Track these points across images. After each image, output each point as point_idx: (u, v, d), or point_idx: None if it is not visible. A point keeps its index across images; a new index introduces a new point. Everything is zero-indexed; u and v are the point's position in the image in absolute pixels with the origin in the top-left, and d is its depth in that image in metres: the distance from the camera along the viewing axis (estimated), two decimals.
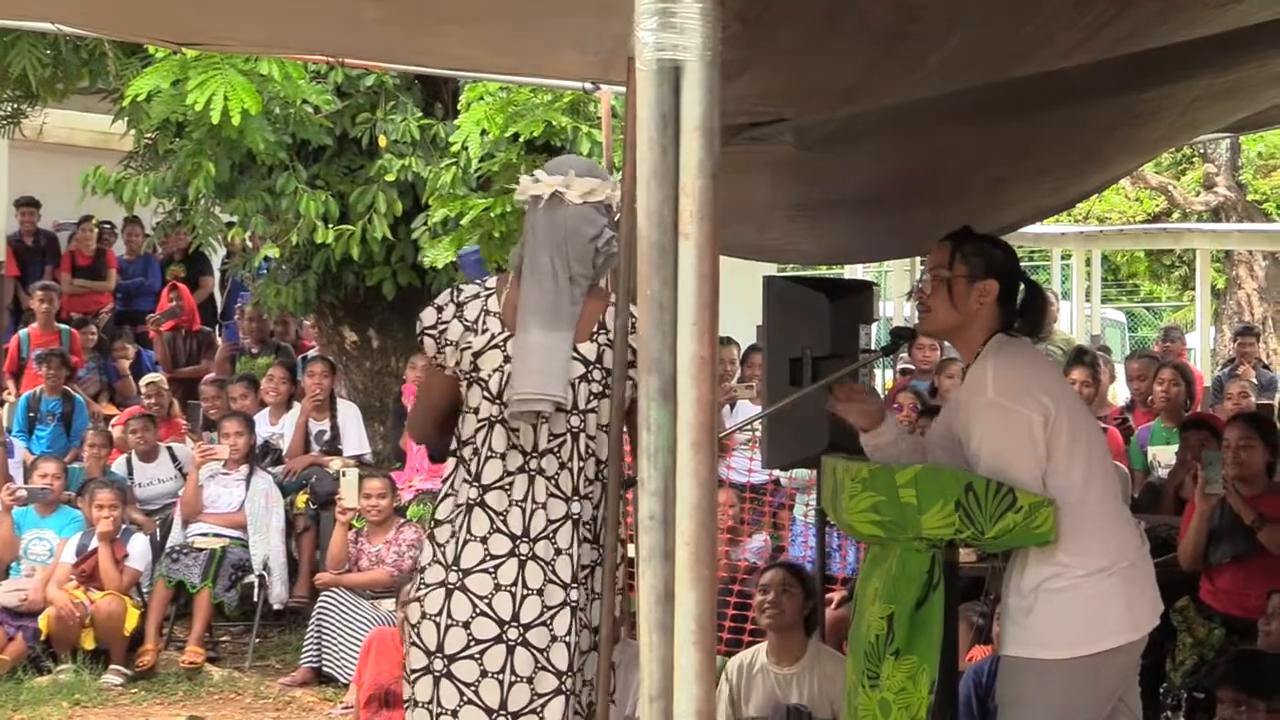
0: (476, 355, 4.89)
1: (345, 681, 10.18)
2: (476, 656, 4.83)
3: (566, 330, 4.86)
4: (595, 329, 4.98)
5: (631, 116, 4.89)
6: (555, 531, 4.89)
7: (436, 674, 4.85)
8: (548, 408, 4.82)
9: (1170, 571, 7.65)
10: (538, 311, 4.82)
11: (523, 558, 4.85)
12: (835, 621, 8.74)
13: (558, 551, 4.87)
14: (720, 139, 2.55)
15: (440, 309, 4.95)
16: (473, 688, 4.83)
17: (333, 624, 10.63)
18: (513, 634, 4.83)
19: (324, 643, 10.64)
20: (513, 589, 4.84)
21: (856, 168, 6.90)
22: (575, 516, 4.93)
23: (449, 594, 4.84)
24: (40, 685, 10.45)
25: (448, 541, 4.87)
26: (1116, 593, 4.78)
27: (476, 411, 4.92)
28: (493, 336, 4.89)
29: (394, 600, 9.99)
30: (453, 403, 5.04)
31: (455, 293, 5.00)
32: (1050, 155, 7.02)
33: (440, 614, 4.84)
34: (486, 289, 4.99)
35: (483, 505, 4.87)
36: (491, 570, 4.84)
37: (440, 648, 4.84)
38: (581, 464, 4.94)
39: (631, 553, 7.51)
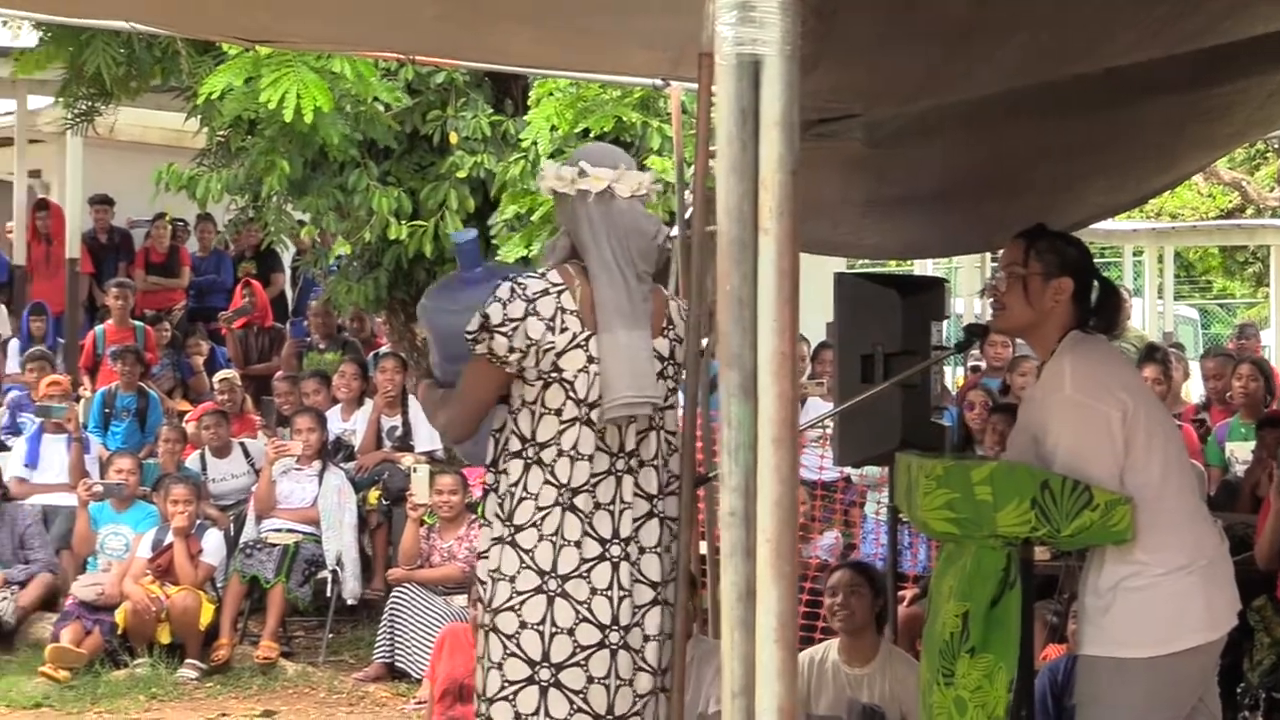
0: (559, 355, 4.74)
1: (418, 677, 10.21)
2: (583, 663, 4.73)
3: (645, 328, 4.80)
4: (665, 325, 4.94)
5: (703, 112, 4.88)
6: (639, 530, 4.83)
7: (543, 684, 4.72)
8: (647, 409, 4.77)
9: (1247, 570, 7.56)
10: (619, 311, 4.73)
11: (614, 560, 4.77)
12: (907, 619, 8.71)
13: (642, 550, 4.82)
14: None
15: (506, 304, 4.71)
16: (581, 695, 4.73)
17: (405, 619, 10.67)
18: (614, 637, 4.77)
19: (397, 638, 10.68)
20: (608, 592, 4.76)
21: (926, 163, 6.87)
22: (660, 514, 4.89)
23: (550, 601, 4.71)
24: (117, 679, 10.53)
25: (535, 546, 4.73)
26: (1196, 591, 4.73)
27: (559, 413, 4.75)
28: (574, 336, 4.74)
29: (466, 596, 10.00)
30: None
31: (519, 287, 4.75)
32: (1121, 151, 6.97)
33: (543, 622, 4.71)
34: (554, 284, 4.79)
35: (572, 509, 4.74)
36: (585, 575, 4.73)
37: (546, 656, 4.72)
38: (665, 460, 4.91)
39: (703, 549, 7.51)
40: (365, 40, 7.55)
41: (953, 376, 17.28)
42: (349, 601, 11.67)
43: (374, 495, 12.14)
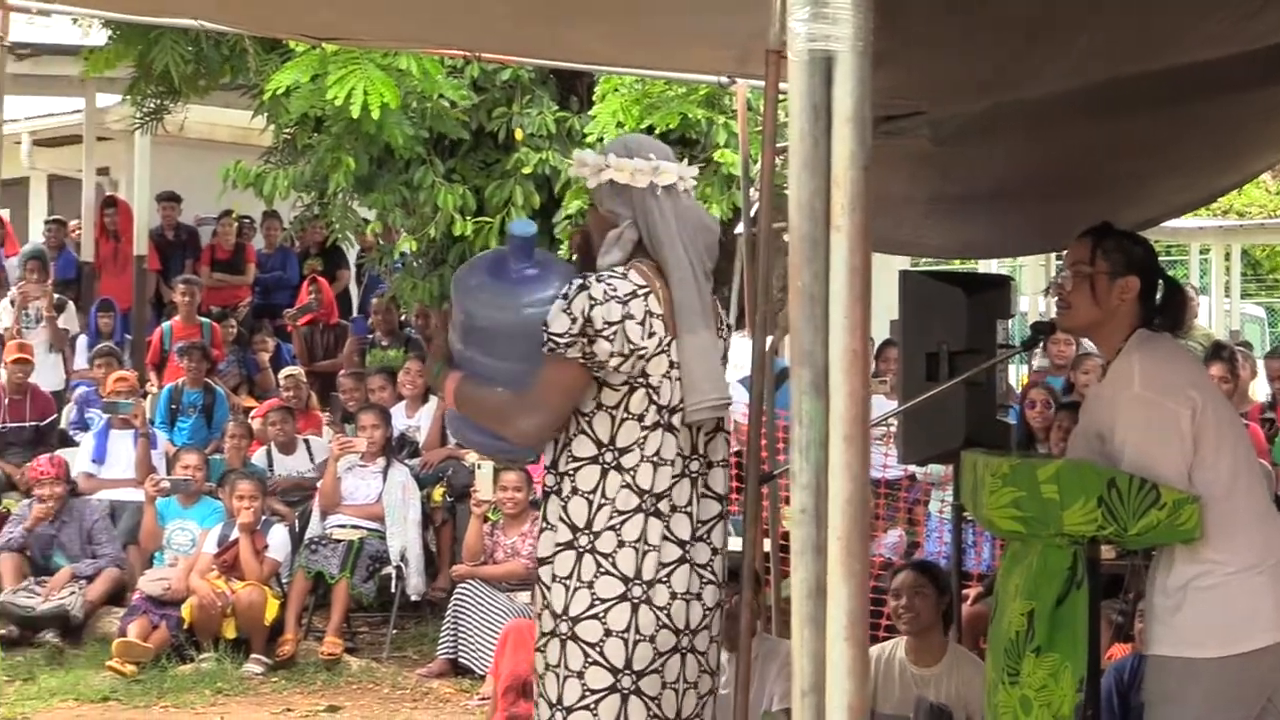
0: (647, 360, 4.64)
1: (481, 673, 10.23)
2: (660, 669, 4.68)
3: (714, 328, 4.78)
4: (719, 325, 4.91)
5: (770, 110, 4.86)
6: (710, 532, 4.80)
7: (625, 692, 4.64)
8: (724, 411, 4.74)
9: None
10: (695, 311, 4.68)
11: (692, 564, 4.72)
12: (971, 618, 8.68)
13: (714, 551, 4.80)
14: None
15: (603, 305, 4.58)
16: (656, 701, 4.68)
17: (469, 615, 10.68)
18: (685, 641, 4.74)
19: (460, 634, 10.70)
20: (686, 596, 4.71)
21: (991, 162, 6.84)
22: (726, 514, 4.87)
23: (634, 609, 4.63)
24: (183, 673, 10.59)
25: (615, 552, 4.63)
26: (1266, 590, 4.69)
27: (640, 419, 4.65)
28: (660, 341, 4.65)
29: (530, 593, 10.01)
30: None
31: (610, 289, 4.61)
32: (1188, 150, 6.92)
33: (628, 629, 4.62)
34: (639, 286, 4.66)
35: (656, 514, 4.65)
36: (666, 580, 4.66)
37: (629, 664, 4.64)
38: (727, 461, 4.89)
39: (765, 547, 7.49)
40: (432, 38, 7.56)
41: (1017, 375, 17.21)
42: (413, 598, 11.70)
43: (438, 492, 12.17)
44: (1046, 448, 9.90)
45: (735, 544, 5.46)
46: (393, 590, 11.55)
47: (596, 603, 4.61)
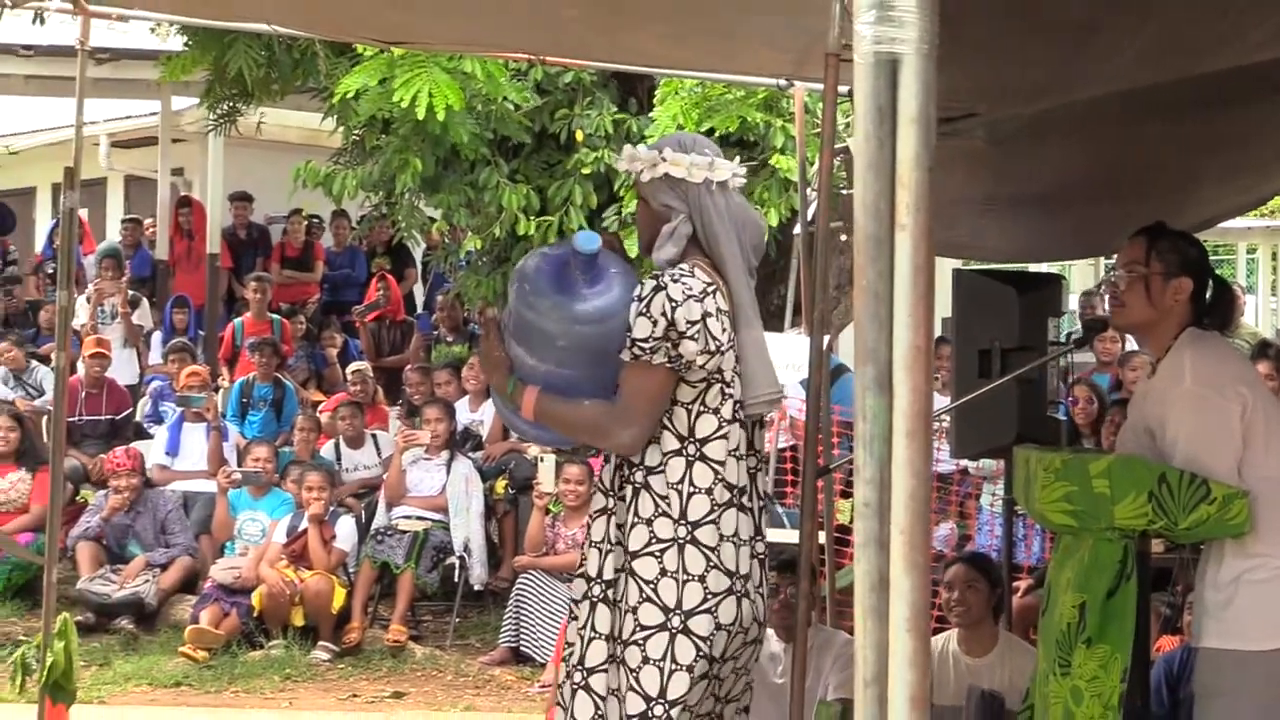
0: (722, 356, 4.60)
1: (542, 661, 10.25)
2: (736, 657, 4.68)
3: (760, 322, 4.77)
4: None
5: (829, 112, 4.85)
6: (764, 526, 4.81)
7: (711, 677, 4.63)
8: (779, 406, 4.77)
9: None
10: (748, 306, 4.67)
11: (761, 557, 4.73)
12: (1022, 610, 8.65)
13: (765, 546, 4.82)
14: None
15: (683, 305, 4.52)
16: (720, 682, 4.68)
17: (530, 605, 10.71)
18: (756, 633, 4.74)
19: (522, 623, 10.72)
20: (761, 589, 4.72)
21: (1046, 163, 6.81)
22: (766, 508, 4.90)
23: (739, 602, 4.59)
24: (253, 659, 10.64)
25: (719, 546, 4.58)
26: None
27: (717, 412, 4.61)
28: (731, 337, 4.62)
29: None
30: None
31: (687, 287, 4.55)
32: (1241, 153, 6.87)
33: (734, 623, 4.59)
34: (707, 283, 4.61)
35: (741, 508, 4.64)
36: (751, 573, 4.66)
37: (723, 654, 4.61)
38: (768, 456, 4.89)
39: (821, 539, 7.47)
40: (497, 41, 7.57)
41: (1070, 371, 17.11)
42: (475, 587, 11.73)
43: (501, 484, 12.20)
44: (1091, 442, 9.85)
45: (792, 536, 5.45)
46: (456, 580, 11.57)
47: (710, 597, 4.55)
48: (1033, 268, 17.90)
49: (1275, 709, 4.72)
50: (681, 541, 4.57)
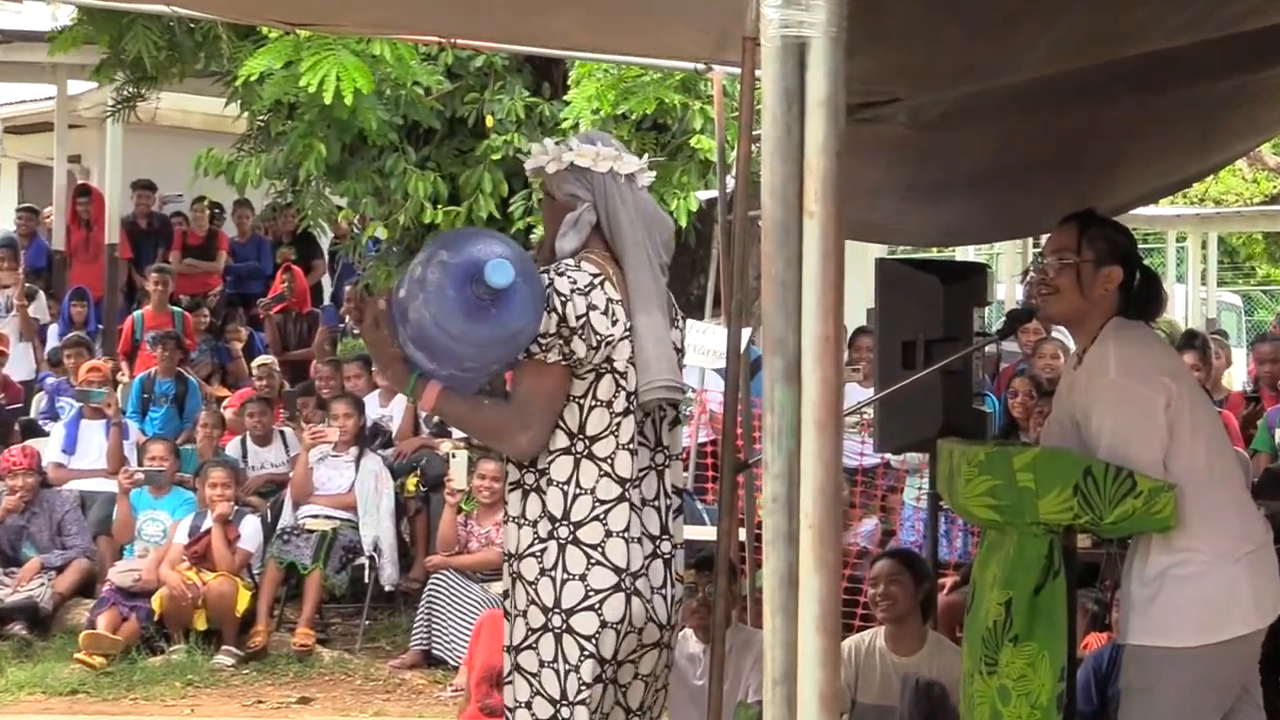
0: (613, 347, 4.63)
1: (455, 664, 10.23)
2: (636, 660, 4.69)
3: (666, 315, 4.77)
4: (674, 315, 4.90)
5: (746, 97, 4.86)
6: (675, 525, 4.81)
7: (607, 681, 4.63)
8: (678, 395, 4.73)
9: None
10: (648, 296, 4.68)
11: (665, 557, 4.73)
12: (947, 608, 8.68)
13: (675, 546, 4.80)
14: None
15: (570, 299, 4.58)
16: (624, 690, 4.70)
17: (443, 606, 10.68)
18: (666, 637, 4.76)
19: (434, 625, 10.69)
20: (663, 591, 4.71)
21: (968, 148, 6.84)
22: (683, 509, 4.90)
23: (628, 600, 4.60)
24: (153, 665, 10.56)
25: (604, 542, 4.59)
26: (1243, 579, 4.71)
27: (609, 405, 4.64)
28: (624, 327, 4.65)
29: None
30: None
31: (572, 282, 4.61)
32: (1164, 135, 6.93)
33: (622, 621, 4.59)
34: (595, 275, 4.67)
35: (632, 504, 4.63)
36: (646, 572, 4.66)
37: (615, 655, 4.61)
38: (682, 454, 4.88)
39: (741, 537, 7.49)
40: (407, 24, 7.54)
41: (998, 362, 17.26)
42: (386, 588, 11.69)
43: (412, 481, 12.15)
44: (1030, 437, 9.92)
45: (711, 533, 5.44)
46: (366, 581, 11.54)
47: (591, 593, 4.57)
48: (959, 256, 18.07)
49: (1202, 705, 4.77)
50: (562, 541, 4.60)
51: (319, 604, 11.37)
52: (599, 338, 4.59)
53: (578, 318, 4.56)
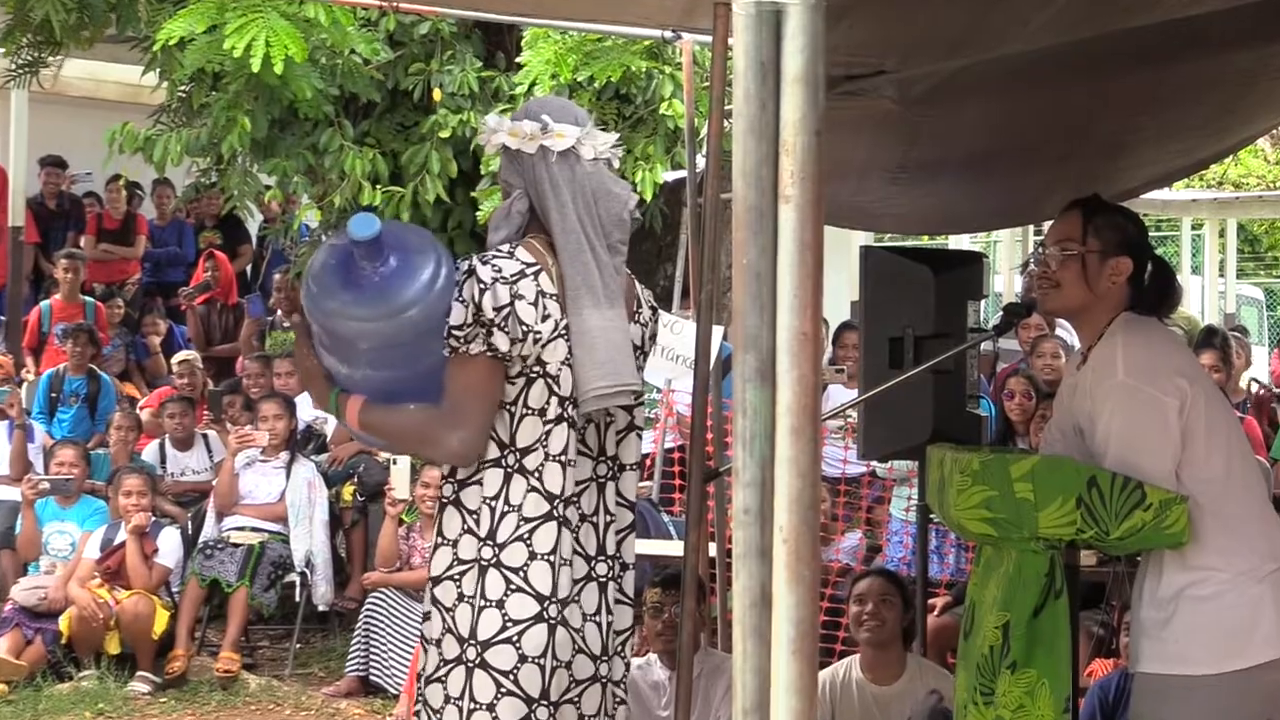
0: (543, 346, 4.55)
1: (395, 692, 10.22)
2: (576, 700, 4.63)
3: (618, 307, 4.68)
4: (635, 307, 4.85)
5: (718, 68, 4.87)
6: (622, 544, 4.76)
7: None
8: (625, 399, 4.65)
9: None
10: (587, 288, 4.58)
11: (601, 580, 4.68)
12: (939, 630, 8.72)
13: (624, 567, 4.77)
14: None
15: (492, 289, 4.49)
16: None
17: (382, 628, 10.67)
18: (603, 670, 4.69)
19: (372, 649, 10.68)
20: (597, 618, 4.66)
21: (963, 126, 6.86)
22: (634, 525, 4.85)
23: (551, 630, 4.52)
24: (61, 693, 10.53)
25: (526, 566, 4.52)
26: (1266, 600, 4.71)
27: (542, 413, 4.56)
28: (556, 324, 4.57)
29: None
30: None
31: (496, 269, 4.52)
32: (1177, 113, 6.95)
33: (544, 655, 4.50)
34: (528, 264, 4.58)
35: (564, 522, 4.56)
36: (578, 598, 4.61)
37: (545, 694, 4.52)
38: (641, 465, 4.84)
39: (711, 552, 7.50)
40: None
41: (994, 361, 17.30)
42: (319, 608, 11.69)
43: (348, 490, 12.14)
44: (1027, 443, 9.96)
45: (677, 548, 5.44)
46: (297, 600, 11.53)
47: (510, 624, 4.50)
48: (953, 244, 18.10)
49: None
50: (485, 563, 4.54)
51: (245, 625, 11.35)
52: (525, 329, 4.51)
53: (497, 308, 4.48)
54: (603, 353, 4.59)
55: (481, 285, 4.49)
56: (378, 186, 11.67)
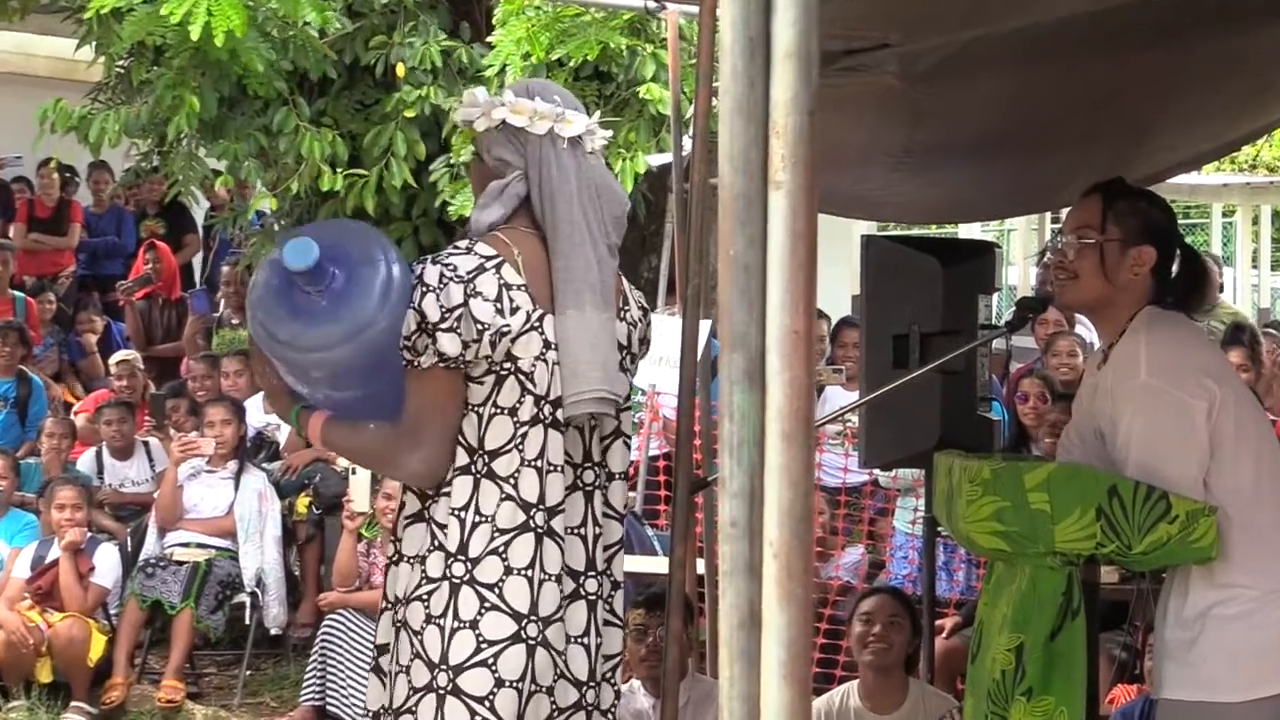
0: (513, 341, 4.55)
1: None
2: None
3: (612, 309, 4.72)
4: (622, 306, 4.86)
5: (705, 42, 4.88)
6: (612, 561, 4.78)
7: None
8: (612, 408, 4.68)
9: None
10: (586, 285, 4.61)
11: (590, 598, 4.68)
12: (947, 654, 8.74)
13: (615, 585, 4.79)
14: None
15: (438, 291, 4.51)
16: None
17: (339, 653, 10.66)
18: (590, 696, 4.69)
19: (329, 676, 10.67)
20: (584, 640, 4.66)
21: (972, 105, 6.87)
22: (623, 539, 4.86)
23: (530, 652, 4.52)
24: None
25: (502, 582, 4.51)
26: None
27: (513, 413, 4.57)
28: (527, 316, 4.57)
29: None
30: None
31: (448, 268, 4.54)
32: (1206, 92, 6.96)
33: (523, 679, 4.50)
34: (487, 257, 4.59)
35: (547, 533, 4.55)
36: (563, 618, 4.59)
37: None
38: (627, 474, 4.83)
39: (699, 569, 7.52)
40: None
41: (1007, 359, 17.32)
42: (271, 631, 11.68)
43: (303, 502, 12.13)
44: (1042, 449, 9.98)
45: (662, 565, 5.43)
46: (246, 622, 11.52)
47: (485, 645, 4.50)
48: (963, 233, 18.13)
49: None
50: (456, 581, 4.54)
51: (190, 651, 11.35)
52: (481, 328, 4.50)
53: (447, 309, 4.49)
54: (596, 356, 4.62)
55: (425, 288, 4.51)
56: (338, 170, 11.66)
